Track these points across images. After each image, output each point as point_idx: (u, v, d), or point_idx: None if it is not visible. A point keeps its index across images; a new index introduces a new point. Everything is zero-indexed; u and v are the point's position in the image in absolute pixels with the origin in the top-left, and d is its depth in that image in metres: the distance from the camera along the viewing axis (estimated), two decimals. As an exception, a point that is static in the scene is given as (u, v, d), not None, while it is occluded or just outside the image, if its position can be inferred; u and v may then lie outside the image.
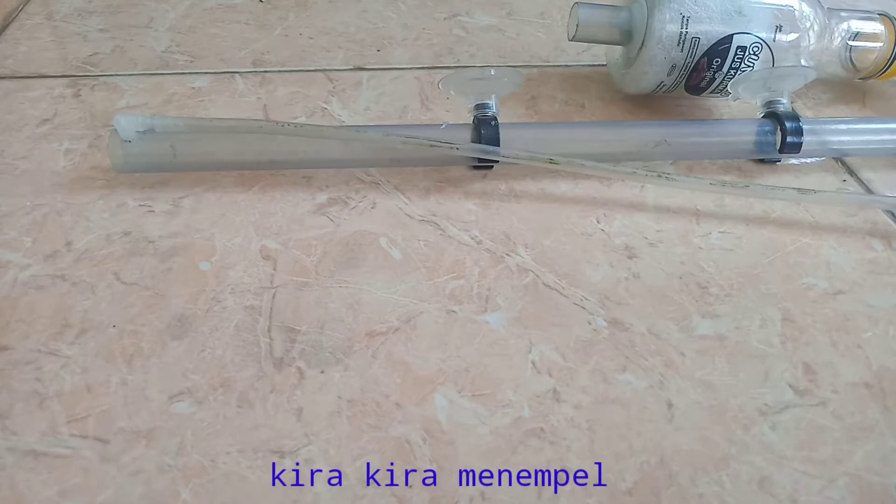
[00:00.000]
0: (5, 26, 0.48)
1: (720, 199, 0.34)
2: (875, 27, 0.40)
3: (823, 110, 0.42)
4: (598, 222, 0.33)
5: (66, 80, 0.42)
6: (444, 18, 0.50)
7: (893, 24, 0.40)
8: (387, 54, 0.46)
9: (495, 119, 0.34)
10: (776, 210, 0.34)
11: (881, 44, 0.40)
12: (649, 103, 0.41)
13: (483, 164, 0.35)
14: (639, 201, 0.34)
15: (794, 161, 0.37)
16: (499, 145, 0.33)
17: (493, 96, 0.34)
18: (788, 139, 0.35)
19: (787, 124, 0.35)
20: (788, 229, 0.33)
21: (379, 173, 0.35)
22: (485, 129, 0.33)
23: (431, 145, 0.32)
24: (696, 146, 0.36)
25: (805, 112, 0.42)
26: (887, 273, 0.31)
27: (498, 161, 0.34)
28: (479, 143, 0.33)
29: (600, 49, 0.42)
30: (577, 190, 0.35)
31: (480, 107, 0.34)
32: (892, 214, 0.34)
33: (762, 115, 0.36)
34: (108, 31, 0.48)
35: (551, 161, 0.33)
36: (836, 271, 0.31)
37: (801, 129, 0.35)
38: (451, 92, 0.34)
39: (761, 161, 0.37)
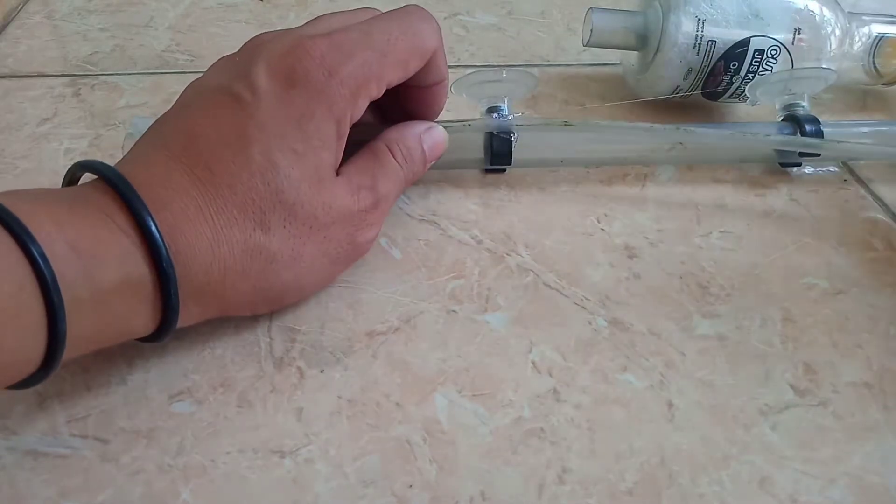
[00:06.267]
0: (5, 25, 0.48)
1: (721, 199, 0.34)
2: None
3: (823, 113, 0.42)
4: (598, 222, 0.33)
5: (66, 80, 0.42)
6: (445, 17, 0.50)
7: None
8: (387, 53, 0.46)
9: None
10: (777, 210, 0.34)
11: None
12: (652, 103, 0.41)
13: (494, 169, 0.35)
14: (639, 201, 0.34)
15: (809, 170, 0.36)
16: (511, 149, 0.33)
17: (505, 99, 0.34)
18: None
19: (807, 127, 0.34)
20: (789, 229, 0.33)
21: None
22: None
23: (446, 127, 0.32)
24: (713, 149, 0.35)
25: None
26: (888, 273, 0.31)
27: (509, 164, 0.34)
28: (492, 147, 0.33)
29: (600, 48, 0.41)
30: (578, 190, 0.35)
31: (493, 109, 0.34)
32: (893, 214, 0.34)
33: (781, 118, 0.36)
34: (108, 30, 0.48)
35: (566, 123, 0.33)
36: (837, 271, 0.31)
37: (822, 132, 0.34)
38: (464, 95, 0.34)
39: (780, 165, 0.36)
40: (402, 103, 0.31)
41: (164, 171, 0.23)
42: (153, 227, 0.22)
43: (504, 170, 0.35)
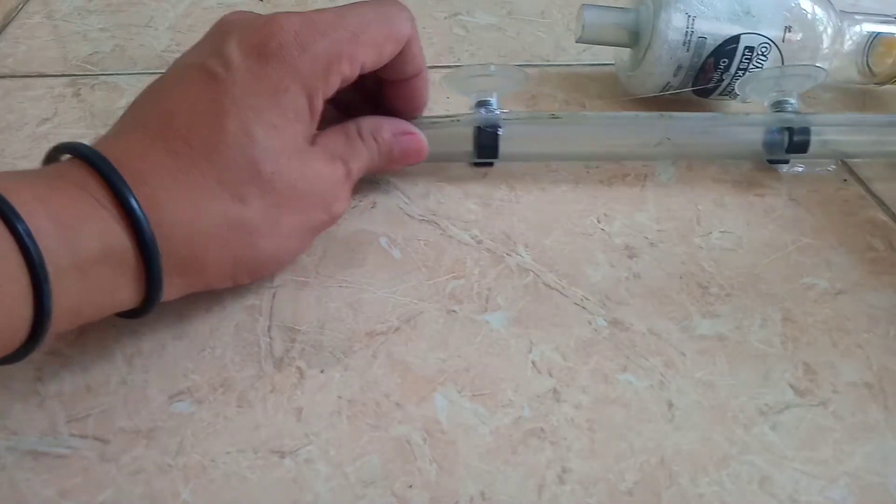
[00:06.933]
0: (5, 25, 0.48)
1: (721, 199, 0.34)
2: (892, 30, 0.39)
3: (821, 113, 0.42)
4: (598, 222, 0.33)
5: (66, 80, 0.42)
6: (445, 17, 0.50)
7: None
8: (387, 53, 0.46)
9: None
10: (777, 209, 0.34)
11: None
12: (648, 102, 0.40)
13: (482, 162, 0.35)
14: (639, 201, 0.34)
15: (799, 168, 0.36)
16: (498, 142, 0.33)
17: (494, 94, 0.34)
18: (795, 138, 0.34)
19: (794, 122, 0.34)
20: (789, 229, 0.33)
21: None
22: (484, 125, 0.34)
23: (435, 122, 0.33)
24: (700, 145, 0.35)
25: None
26: (888, 273, 0.31)
27: (496, 157, 0.34)
28: (480, 140, 0.33)
29: (601, 48, 0.42)
30: (577, 190, 0.35)
31: (482, 104, 0.34)
32: (893, 214, 0.34)
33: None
34: (108, 30, 0.48)
35: (553, 116, 0.34)
36: (837, 271, 0.31)
37: (809, 130, 0.34)
38: (454, 90, 0.34)
39: (769, 162, 0.36)
40: (386, 100, 0.31)
41: (141, 147, 0.24)
42: (132, 201, 0.22)
43: (492, 163, 0.35)
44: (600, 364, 0.26)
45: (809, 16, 0.37)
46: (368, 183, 0.34)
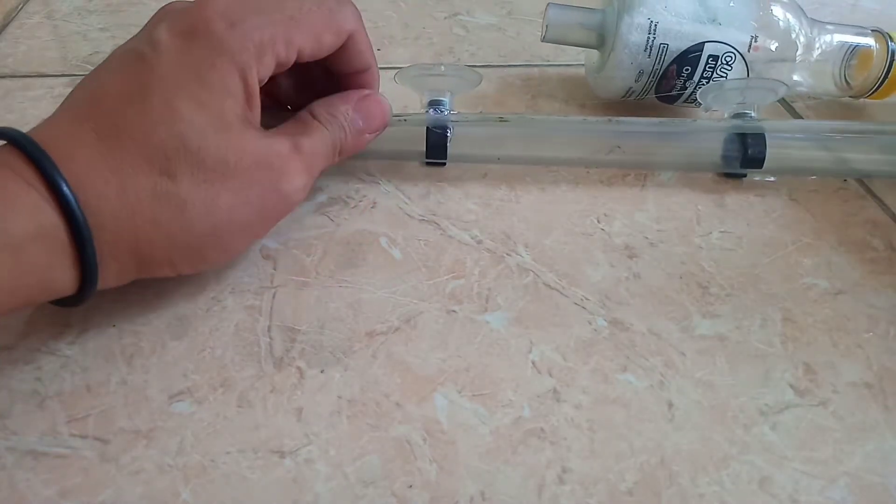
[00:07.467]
0: (5, 25, 0.48)
1: (721, 199, 0.34)
2: (869, 42, 0.38)
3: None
4: (598, 222, 0.33)
5: (66, 80, 0.42)
6: (445, 17, 0.50)
7: (886, 40, 0.38)
8: (387, 53, 0.46)
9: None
10: (777, 209, 0.34)
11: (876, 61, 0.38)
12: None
13: (433, 161, 0.35)
14: (639, 201, 0.34)
15: (757, 178, 0.36)
16: (447, 144, 0.34)
17: (447, 93, 0.34)
18: (749, 152, 0.33)
19: (750, 138, 0.33)
20: (789, 229, 0.33)
21: (379, 172, 0.35)
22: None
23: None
24: (653, 155, 0.35)
25: (807, 114, 0.41)
26: (888, 273, 0.31)
27: (445, 158, 0.34)
28: (429, 141, 0.34)
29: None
30: (577, 190, 0.35)
31: (435, 103, 0.34)
32: (893, 214, 0.34)
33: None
34: (108, 30, 0.48)
35: (501, 119, 0.34)
36: (837, 271, 0.31)
37: (765, 141, 0.33)
38: (405, 87, 0.34)
39: (726, 175, 0.35)
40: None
41: (70, 128, 0.24)
42: (59, 179, 0.22)
43: (444, 163, 0.35)
44: (600, 364, 0.26)
45: (782, 23, 0.36)
46: (368, 183, 0.34)
